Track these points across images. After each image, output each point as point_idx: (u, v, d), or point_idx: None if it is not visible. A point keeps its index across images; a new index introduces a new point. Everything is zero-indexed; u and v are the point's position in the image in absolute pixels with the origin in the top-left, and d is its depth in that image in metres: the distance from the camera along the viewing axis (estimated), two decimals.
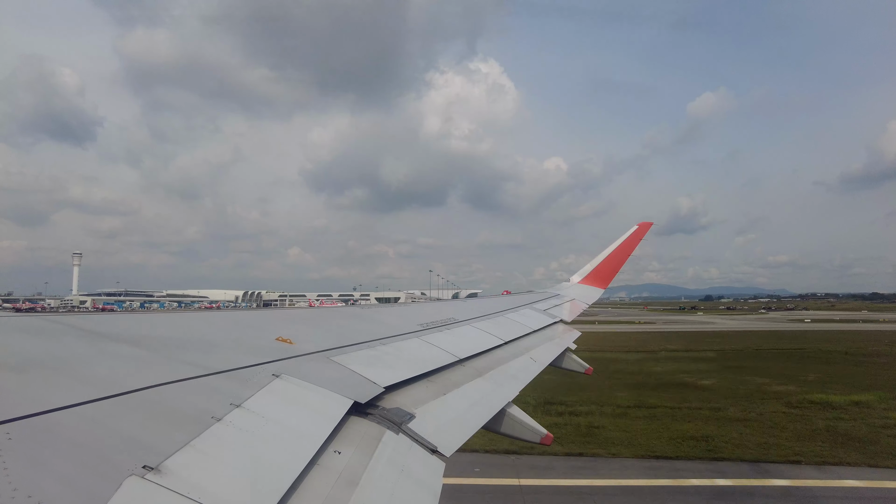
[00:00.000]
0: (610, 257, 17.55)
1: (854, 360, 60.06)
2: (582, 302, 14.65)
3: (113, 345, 3.33)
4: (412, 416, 3.87)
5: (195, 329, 4.38)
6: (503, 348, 7.18)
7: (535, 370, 6.88)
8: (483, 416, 4.69)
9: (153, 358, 3.31)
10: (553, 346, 8.71)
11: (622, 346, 75.12)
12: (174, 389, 2.90)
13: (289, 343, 4.35)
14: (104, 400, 2.52)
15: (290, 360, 3.92)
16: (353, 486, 2.79)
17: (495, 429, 5.04)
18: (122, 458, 2.16)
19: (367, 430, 3.45)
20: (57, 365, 2.81)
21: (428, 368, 4.96)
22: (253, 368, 3.52)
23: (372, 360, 4.64)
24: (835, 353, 66.51)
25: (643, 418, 33.46)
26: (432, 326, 6.75)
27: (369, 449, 3.20)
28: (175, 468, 2.21)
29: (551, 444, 5.36)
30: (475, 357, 6.14)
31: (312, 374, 3.76)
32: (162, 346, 3.57)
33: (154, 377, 2.94)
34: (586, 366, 9.72)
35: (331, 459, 2.92)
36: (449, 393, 4.72)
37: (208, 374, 3.22)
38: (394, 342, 5.49)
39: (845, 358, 62.63)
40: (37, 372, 2.66)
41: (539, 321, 10.10)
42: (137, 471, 2.10)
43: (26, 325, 3.35)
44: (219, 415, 2.75)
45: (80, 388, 2.57)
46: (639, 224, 18.02)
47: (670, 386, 44.42)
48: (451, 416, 4.32)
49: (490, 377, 5.70)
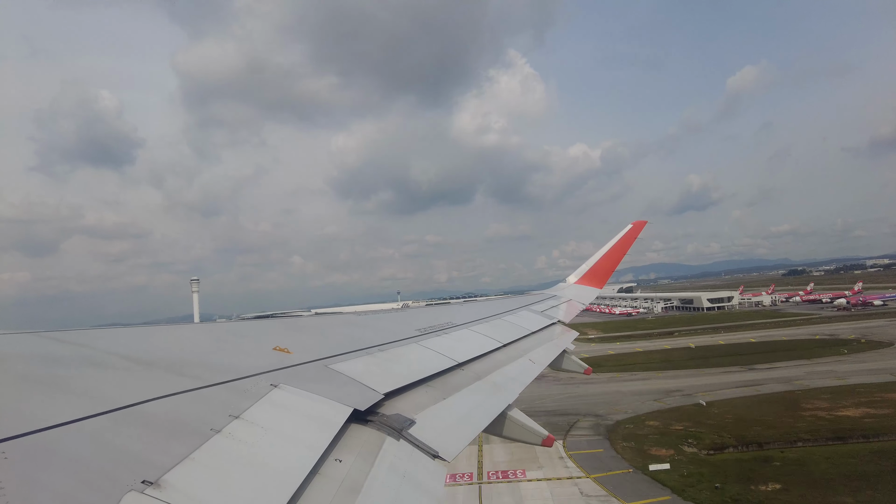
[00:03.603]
0: (605, 257, 17.60)
1: None
2: (579, 302, 14.67)
3: (109, 359, 3.30)
4: (412, 421, 3.85)
5: (192, 341, 4.37)
6: (502, 351, 7.18)
7: (535, 372, 6.88)
8: (484, 420, 4.69)
9: (150, 371, 3.29)
10: (552, 348, 8.71)
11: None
12: (172, 402, 2.89)
13: (286, 352, 4.34)
14: (101, 415, 2.51)
15: (288, 370, 3.91)
16: (355, 493, 2.78)
17: (496, 432, 5.03)
18: (120, 474, 2.14)
19: (368, 437, 3.44)
20: (53, 381, 2.78)
21: (427, 373, 4.95)
22: (251, 379, 3.51)
23: (370, 366, 4.63)
24: None
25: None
26: (430, 331, 6.74)
27: (370, 456, 3.19)
28: (175, 482, 2.19)
29: (552, 445, 5.37)
30: (474, 361, 6.14)
31: (311, 383, 3.75)
32: (159, 359, 3.55)
33: (151, 391, 2.92)
34: (585, 366, 9.73)
35: (332, 468, 2.91)
36: (449, 397, 4.71)
37: (206, 386, 3.21)
38: (392, 348, 5.48)
39: None
40: (32, 389, 2.64)
41: (537, 323, 10.10)
42: (137, 486, 2.08)
43: (21, 342, 3.32)
44: (218, 427, 2.74)
45: (77, 403, 2.56)
46: (633, 223, 18.10)
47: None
48: (452, 420, 4.31)
49: (489, 380, 5.70)
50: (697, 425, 49.95)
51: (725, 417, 51.63)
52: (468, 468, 42.02)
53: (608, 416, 54.64)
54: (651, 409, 56.54)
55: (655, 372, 74.55)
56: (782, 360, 75.49)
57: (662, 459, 42.00)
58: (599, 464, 42.50)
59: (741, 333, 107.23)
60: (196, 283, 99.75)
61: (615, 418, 53.73)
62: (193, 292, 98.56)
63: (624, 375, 73.52)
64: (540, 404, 57.76)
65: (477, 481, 39.96)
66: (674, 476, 39.26)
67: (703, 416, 52.64)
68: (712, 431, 47.97)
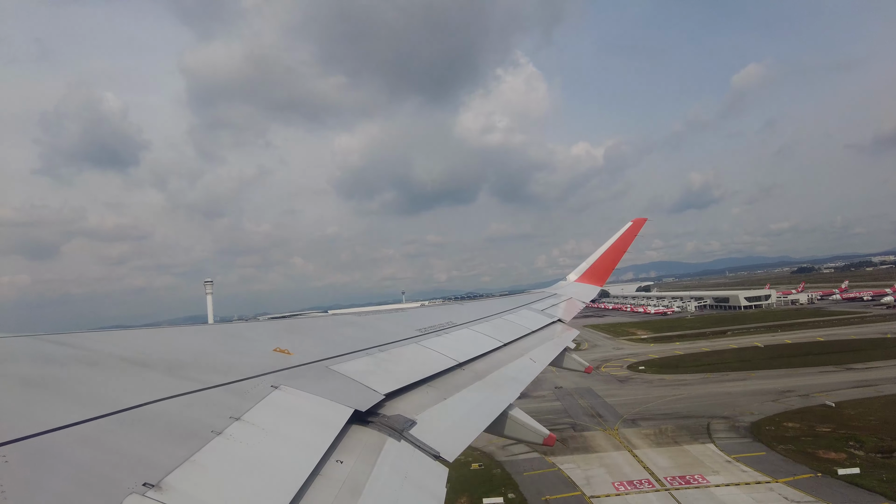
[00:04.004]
0: (605, 255, 17.60)
1: None
2: (579, 300, 14.68)
3: (110, 361, 3.31)
4: (413, 422, 3.86)
5: (192, 343, 4.37)
6: (502, 350, 7.19)
7: (536, 371, 6.88)
8: (485, 420, 4.69)
9: (150, 373, 3.29)
10: (552, 346, 8.71)
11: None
12: (173, 405, 2.89)
13: (287, 353, 4.34)
14: (102, 418, 2.51)
15: (288, 371, 3.91)
16: (356, 494, 2.78)
17: (498, 431, 5.03)
18: (121, 477, 2.14)
19: (369, 438, 3.45)
20: (53, 384, 2.79)
21: (428, 374, 4.96)
22: (251, 380, 3.51)
23: (371, 367, 4.63)
24: None
25: None
26: (430, 331, 6.74)
27: (371, 457, 3.19)
28: (176, 484, 2.20)
29: (553, 444, 5.36)
30: (474, 360, 6.14)
31: (311, 384, 3.75)
32: (159, 361, 3.55)
33: (152, 393, 2.92)
34: (586, 364, 9.74)
35: (333, 469, 2.91)
36: (450, 398, 4.72)
37: (207, 388, 3.21)
38: (392, 348, 5.48)
39: None
40: (32, 392, 2.64)
41: (537, 321, 10.11)
42: (138, 489, 2.09)
43: (19, 344, 3.32)
44: (219, 428, 2.74)
45: (78, 406, 2.56)
46: (633, 221, 18.10)
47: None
48: (453, 420, 4.31)
49: (490, 380, 5.70)
50: (842, 427, 46.90)
51: (868, 419, 48.59)
52: (635, 475, 39.84)
53: (737, 417, 51.66)
54: (776, 410, 53.32)
55: (746, 372, 70.77)
56: (875, 360, 70.66)
57: (840, 463, 39.26)
58: (773, 467, 39.90)
59: (802, 332, 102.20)
60: (210, 285, 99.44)
61: (746, 420, 50.48)
62: (207, 294, 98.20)
63: (715, 376, 70.05)
64: (652, 407, 56.51)
65: (662, 487, 37.56)
66: (870, 481, 36.09)
67: (840, 417, 49.60)
68: (868, 434, 44.96)
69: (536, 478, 40.75)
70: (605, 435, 49.43)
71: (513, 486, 39.21)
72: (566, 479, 39.98)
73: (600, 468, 41.70)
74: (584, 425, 52.47)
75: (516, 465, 43.14)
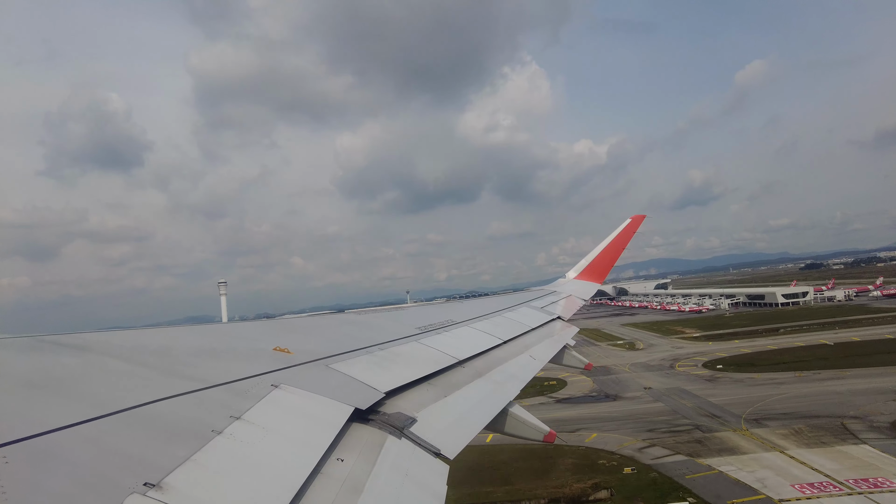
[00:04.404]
0: (604, 252, 17.59)
1: None
2: (579, 298, 14.68)
3: (109, 362, 3.31)
4: (414, 420, 3.86)
5: (191, 343, 4.37)
6: (502, 348, 7.19)
7: (536, 368, 6.89)
8: (485, 417, 4.69)
9: (150, 373, 3.29)
10: (552, 344, 8.72)
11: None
12: (173, 404, 2.89)
13: (286, 352, 4.34)
14: (102, 418, 2.51)
15: (288, 370, 3.91)
16: (357, 493, 2.78)
17: (499, 429, 5.04)
18: (122, 477, 2.14)
19: (370, 436, 3.45)
20: (54, 384, 2.79)
21: (428, 371, 4.96)
22: (251, 380, 3.51)
23: (371, 365, 4.63)
24: None
25: None
26: (430, 329, 6.75)
27: (372, 455, 3.19)
28: (177, 484, 2.20)
29: (553, 441, 5.36)
30: (475, 358, 6.14)
31: (312, 383, 3.75)
32: (159, 361, 3.55)
33: (152, 393, 2.92)
34: (586, 361, 9.75)
35: (334, 467, 2.92)
36: (450, 395, 4.72)
37: (207, 388, 3.21)
38: (392, 346, 5.48)
39: None
40: (32, 392, 2.64)
41: (537, 319, 10.12)
42: (139, 488, 2.09)
43: (19, 345, 3.32)
44: (219, 428, 2.74)
45: (78, 407, 2.56)
46: (632, 217, 18.08)
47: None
48: (453, 418, 4.32)
49: (490, 377, 5.70)
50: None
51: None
52: (807, 476, 37.51)
53: (868, 417, 48.96)
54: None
55: (837, 371, 67.52)
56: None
57: None
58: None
59: (867, 329, 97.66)
60: (224, 286, 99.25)
61: (882, 420, 47.93)
62: (221, 294, 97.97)
63: (807, 374, 67.26)
64: (766, 407, 54.57)
65: (853, 490, 34.96)
66: None
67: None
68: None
69: (702, 480, 38.50)
70: (740, 435, 47.10)
71: (685, 491, 36.90)
72: (735, 482, 37.63)
73: (764, 470, 39.36)
74: (707, 426, 50.42)
75: (669, 468, 41.07)
